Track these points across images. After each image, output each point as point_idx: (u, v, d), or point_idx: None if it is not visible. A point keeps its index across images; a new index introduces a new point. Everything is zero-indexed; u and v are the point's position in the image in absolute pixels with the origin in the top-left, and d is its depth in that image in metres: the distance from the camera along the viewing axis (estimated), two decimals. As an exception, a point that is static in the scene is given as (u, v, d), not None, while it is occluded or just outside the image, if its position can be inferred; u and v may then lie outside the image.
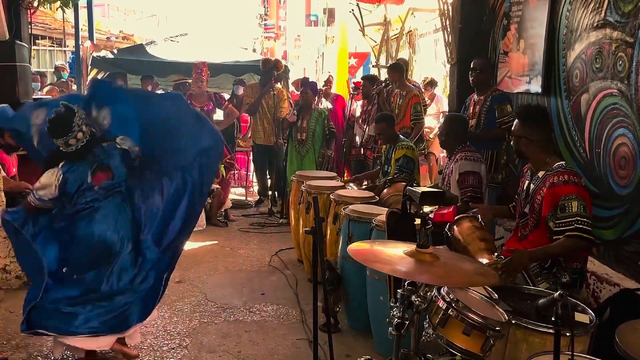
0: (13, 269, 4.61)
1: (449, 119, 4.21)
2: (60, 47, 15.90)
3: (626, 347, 1.85)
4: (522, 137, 3.04)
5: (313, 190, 4.70)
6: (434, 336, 2.18)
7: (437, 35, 8.65)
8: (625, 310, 2.74)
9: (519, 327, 2.23)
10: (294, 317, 4.16)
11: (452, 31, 5.70)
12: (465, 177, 3.83)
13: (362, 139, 6.76)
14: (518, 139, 3.07)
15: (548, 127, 3.15)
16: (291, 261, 5.42)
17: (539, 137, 3.02)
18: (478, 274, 2.25)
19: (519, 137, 3.07)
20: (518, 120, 3.11)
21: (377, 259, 2.23)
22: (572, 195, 2.82)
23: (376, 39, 10.29)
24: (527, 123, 3.04)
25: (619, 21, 3.54)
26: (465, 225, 3.05)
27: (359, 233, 3.70)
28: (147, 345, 3.66)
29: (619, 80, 3.54)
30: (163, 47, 8.78)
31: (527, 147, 3.04)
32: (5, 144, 5.06)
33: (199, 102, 7.05)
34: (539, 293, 2.58)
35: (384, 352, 3.41)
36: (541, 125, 3.05)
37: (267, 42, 29.52)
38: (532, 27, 4.69)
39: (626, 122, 3.47)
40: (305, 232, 2.94)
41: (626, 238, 3.50)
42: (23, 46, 5.68)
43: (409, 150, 4.93)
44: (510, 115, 4.47)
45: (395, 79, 6.32)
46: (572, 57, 4.10)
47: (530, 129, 3.02)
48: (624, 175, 3.52)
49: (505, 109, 4.53)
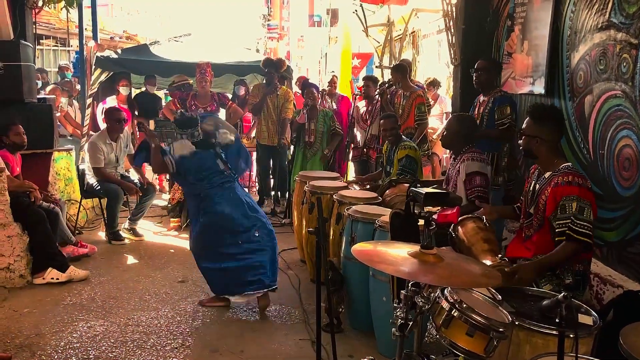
0: (17, 268, 4.62)
1: (459, 118, 4.12)
2: (65, 46, 15.94)
3: (631, 349, 1.85)
4: (535, 136, 2.99)
5: (316, 190, 4.71)
6: (437, 337, 2.18)
7: (441, 36, 8.65)
8: (628, 312, 2.73)
9: (523, 328, 2.23)
10: (296, 317, 4.16)
11: (455, 32, 5.70)
12: (472, 177, 3.81)
13: (365, 138, 6.77)
14: (530, 138, 3.02)
15: (562, 128, 3.13)
16: (294, 261, 5.42)
17: (552, 137, 2.99)
18: (482, 275, 2.25)
19: (531, 136, 3.01)
20: (531, 119, 3.04)
21: (381, 260, 2.23)
22: (573, 196, 2.81)
23: (379, 39, 10.30)
24: (540, 122, 3.00)
25: (624, 22, 3.53)
26: (469, 226, 3.05)
27: (362, 234, 3.70)
28: (150, 345, 3.66)
29: (623, 82, 3.54)
30: (167, 47, 8.79)
31: (539, 147, 3.00)
32: (9, 144, 5.08)
33: (203, 102, 6.99)
34: (542, 294, 2.58)
35: (387, 352, 3.41)
36: (555, 125, 3.02)
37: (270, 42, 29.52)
38: (536, 28, 4.69)
39: (630, 124, 3.47)
40: (308, 233, 2.94)
41: (630, 240, 3.50)
42: (27, 46, 5.68)
43: (412, 151, 4.93)
44: (508, 117, 4.45)
45: (399, 80, 6.32)
46: (576, 58, 4.10)
47: (543, 128, 2.98)
48: (627, 176, 3.51)
49: (504, 111, 4.48)
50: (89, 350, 3.57)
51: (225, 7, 73.05)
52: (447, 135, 4.02)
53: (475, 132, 4.06)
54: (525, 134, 3.06)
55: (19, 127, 5.10)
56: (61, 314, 4.12)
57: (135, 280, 4.87)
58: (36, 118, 5.62)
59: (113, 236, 5.96)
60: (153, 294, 4.55)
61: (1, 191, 4.55)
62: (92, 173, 6.00)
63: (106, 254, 5.60)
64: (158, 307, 4.28)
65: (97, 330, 3.87)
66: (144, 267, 5.25)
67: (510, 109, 4.48)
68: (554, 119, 3.05)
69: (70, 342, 3.67)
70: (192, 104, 6.29)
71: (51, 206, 5.09)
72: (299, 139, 6.79)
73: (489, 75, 4.67)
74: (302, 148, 6.77)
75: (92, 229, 6.48)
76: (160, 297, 4.50)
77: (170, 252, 5.71)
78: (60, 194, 6.10)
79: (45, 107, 5.89)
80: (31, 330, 3.83)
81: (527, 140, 3.04)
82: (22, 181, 4.95)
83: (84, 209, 6.48)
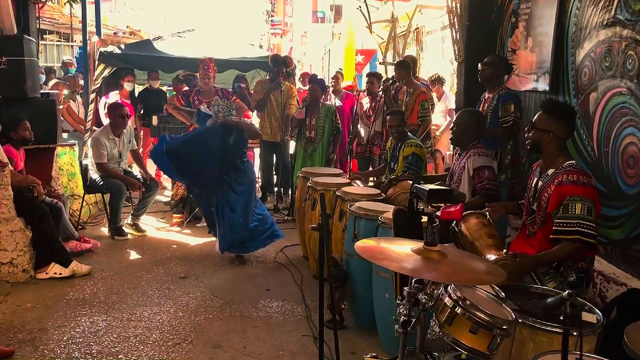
0: (20, 263, 4.63)
1: (470, 113, 4.09)
2: (68, 42, 15.95)
3: (635, 347, 1.84)
4: (547, 131, 2.95)
5: (319, 187, 4.70)
6: (440, 334, 2.17)
7: (445, 33, 8.61)
8: (632, 310, 2.72)
9: (526, 326, 2.23)
10: (299, 314, 4.16)
11: (459, 28, 5.68)
12: (480, 171, 3.80)
13: (369, 135, 6.75)
14: (542, 132, 2.97)
15: (573, 126, 3.09)
16: (297, 258, 5.42)
17: (563, 134, 2.97)
18: (485, 272, 2.23)
19: (543, 130, 2.96)
20: (544, 113, 3.00)
21: (384, 256, 2.22)
22: (577, 196, 2.79)
23: (383, 36, 10.26)
24: (555, 117, 2.96)
25: (629, 19, 3.51)
26: (472, 222, 3.04)
27: (365, 230, 3.69)
28: (152, 340, 3.67)
29: (628, 79, 3.52)
30: (170, 42, 8.77)
31: (549, 143, 2.96)
32: (16, 139, 5.09)
33: (206, 98, 6.92)
34: (546, 292, 2.57)
35: (390, 349, 3.41)
36: (568, 122, 2.99)
37: (273, 38, 29.49)
38: (541, 25, 4.66)
39: (635, 121, 3.45)
40: (311, 229, 2.93)
41: (634, 237, 3.48)
42: (31, 41, 5.68)
43: (418, 148, 4.92)
44: (512, 114, 4.41)
45: (402, 76, 6.30)
46: (581, 55, 4.08)
47: (558, 123, 2.95)
48: (632, 174, 3.50)
49: (508, 109, 4.44)
50: (92, 345, 3.57)
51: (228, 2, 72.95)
52: (458, 130, 3.99)
53: (484, 127, 4.05)
54: (536, 127, 3.00)
55: (26, 123, 5.13)
56: (64, 308, 4.13)
57: (137, 275, 4.88)
58: (39, 113, 5.62)
59: (116, 231, 5.96)
60: (155, 290, 4.55)
61: (4, 186, 4.55)
62: (95, 168, 6.01)
63: (109, 249, 5.61)
64: (160, 303, 4.28)
65: (100, 325, 3.87)
66: (147, 262, 5.25)
67: (515, 107, 4.44)
68: (569, 115, 3.01)
69: (73, 337, 3.68)
70: (195, 100, 6.27)
71: (54, 201, 5.10)
72: (300, 135, 6.77)
73: (494, 71, 4.61)
74: (302, 144, 6.74)
75: (95, 224, 6.49)
76: (163, 292, 4.51)
77: (173, 248, 5.72)
78: (63, 189, 6.11)
79: (49, 102, 5.89)
80: (34, 325, 3.83)
81: (538, 133, 2.99)
82: (25, 176, 4.95)
83: (87, 204, 6.49)
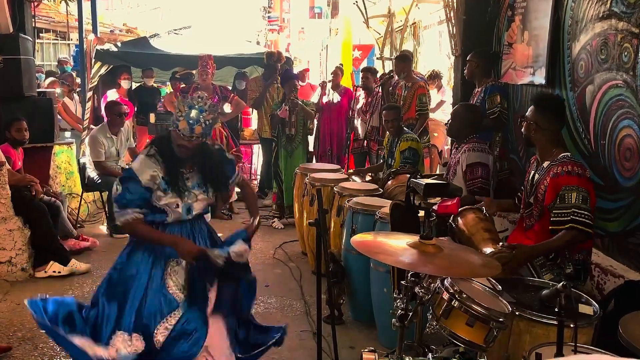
0: (18, 262, 4.64)
1: (466, 107, 4.15)
2: (64, 40, 15.91)
3: (630, 337, 1.85)
4: (533, 122, 3.03)
5: (317, 182, 4.71)
6: (438, 327, 2.18)
7: (442, 27, 8.60)
8: (629, 302, 2.72)
9: (523, 318, 2.23)
10: (297, 309, 4.17)
11: (456, 23, 5.67)
12: (473, 168, 3.81)
13: (366, 130, 6.74)
14: (529, 124, 3.06)
15: (561, 118, 3.15)
16: (295, 253, 5.43)
17: (550, 126, 3.02)
18: (481, 265, 2.25)
19: (530, 122, 3.06)
20: (533, 105, 3.10)
21: (380, 250, 2.23)
22: (573, 186, 2.82)
23: (380, 31, 10.25)
24: (541, 109, 3.03)
25: (625, 12, 3.51)
26: (469, 216, 3.05)
27: (363, 225, 3.70)
28: (152, 337, 3.67)
29: (624, 72, 3.51)
30: (167, 39, 8.76)
31: (536, 134, 3.03)
32: (11, 138, 5.08)
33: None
34: (542, 284, 2.58)
35: (388, 343, 3.42)
36: (555, 114, 3.05)
37: (270, 34, 29.41)
38: (537, 18, 4.66)
39: (631, 114, 3.45)
40: (309, 224, 2.94)
41: (631, 230, 3.49)
42: (27, 39, 5.67)
43: (414, 142, 4.93)
44: (498, 105, 4.53)
45: (404, 70, 6.26)
46: (577, 48, 4.07)
47: (542, 116, 3.01)
48: (629, 167, 3.50)
49: (494, 100, 4.60)
50: (91, 343, 3.57)
51: (225, -1, 72.77)
52: (454, 123, 4.03)
53: (481, 121, 4.09)
54: (527, 120, 3.10)
55: (21, 123, 5.11)
56: (63, 306, 4.13)
57: (136, 273, 4.88)
58: (36, 112, 5.62)
59: (114, 229, 5.96)
60: (155, 287, 4.55)
61: (2, 185, 4.55)
62: (93, 166, 6.00)
63: (108, 247, 5.61)
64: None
65: (99, 322, 3.87)
66: (146, 260, 5.25)
67: (500, 98, 4.55)
68: (554, 108, 3.07)
69: (72, 335, 3.68)
70: (193, 96, 6.28)
71: (52, 200, 5.10)
72: (280, 134, 6.38)
73: (476, 68, 4.82)
74: (283, 143, 6.38)
75: (94, 223, 6.50)
76: (162, 289, 4.50)
77: (172, 245, 5.71)
78: (61, 187, 6.11)
79: (46, 101, 5.88)
80: (33, 323, 3.80)
81: (527, 125, 3.09)
82: (23, 175, 4.95)
83: (85, 203, 6.49)
